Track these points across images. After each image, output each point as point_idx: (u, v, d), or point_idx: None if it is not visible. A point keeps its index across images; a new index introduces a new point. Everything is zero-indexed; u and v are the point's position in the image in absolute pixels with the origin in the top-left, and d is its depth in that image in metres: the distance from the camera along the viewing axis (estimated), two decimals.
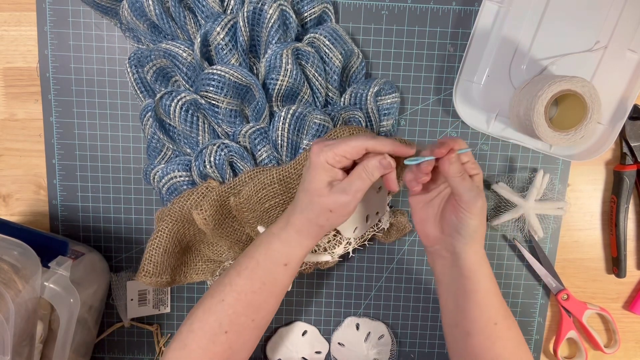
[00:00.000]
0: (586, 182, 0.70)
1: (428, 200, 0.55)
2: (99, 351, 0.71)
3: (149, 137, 0.62)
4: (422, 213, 0.55)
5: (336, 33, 0.61)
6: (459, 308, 0.54)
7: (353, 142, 0.48)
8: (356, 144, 0.48)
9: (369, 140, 0.49)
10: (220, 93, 0.58)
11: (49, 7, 0.64)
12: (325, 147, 0.49)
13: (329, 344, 0.72)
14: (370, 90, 0.62)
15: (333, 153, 0.48)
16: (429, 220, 0.55)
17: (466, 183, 0.50)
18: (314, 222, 0.51)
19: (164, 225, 0.59)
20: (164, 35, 0.61)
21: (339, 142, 0.49)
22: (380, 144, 0.49)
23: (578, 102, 0.56)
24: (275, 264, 0.53)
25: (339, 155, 0.48)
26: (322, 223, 0.51)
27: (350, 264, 0.71)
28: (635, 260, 0.71)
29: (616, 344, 0.71)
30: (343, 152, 0.48)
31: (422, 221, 0.55)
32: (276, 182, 0.58)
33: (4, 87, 0.66)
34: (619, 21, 0.61)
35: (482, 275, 0.52)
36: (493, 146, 0.68)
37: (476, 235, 0.51)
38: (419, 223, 0.56)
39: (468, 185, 0.50)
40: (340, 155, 0.48)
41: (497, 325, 0.53)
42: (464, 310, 0.53)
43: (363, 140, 0.49)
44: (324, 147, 0.49)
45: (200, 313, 0.53)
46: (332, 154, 0.48)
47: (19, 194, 0.68)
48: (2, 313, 0.47)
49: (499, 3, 0.62)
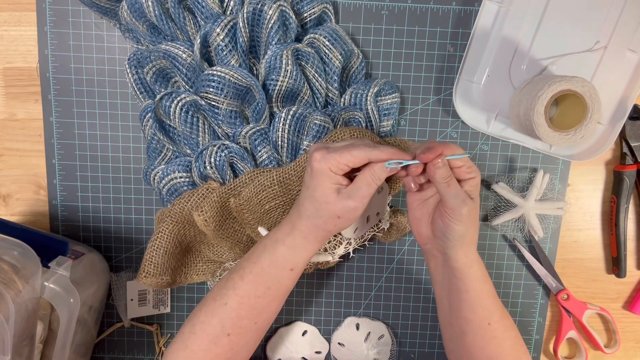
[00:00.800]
0: (586, 182, 0.69)
1: (424, 200, 0.55)
2: (99, 351, 0.71)
3: (149, 138, 0.62)
4: (417, 211, 0.55)
5: (336, 33, 0.61)
6: (452, 307, 0.54)
7: (356, 153, 0.48)
8: (359, 154, 0.48)
9: (372, 151, 0.48)
10: (220, 94, 0.58)
11: (49, 7, 0.64)
12: (328, 155, 0.48)
13: (329, 344, 0.72)
14: (370, 91, 0.62)
15: (336, 162, 0.48)
16: (423, 219, 0.55)
17: (451, 189, 0.49)
18: (321, 227, 0.51)
19: (164, 227, 0.59)
20: (164, 36, 0.61)
21: (342, 152, 0.48)
22: (383, 154, 0.49)
23: (578, 102, 0.56)
24: (281, 269, 0.53)
25: (342, 164, 0.48)
26: (330, 228, 0.51)
27: (350, 264, 0.71)
28: (635, 260, 0.71)
29: (616, 344, 0.71)
30: (347, 161, 0.48)
31: (416, 220, 0.55)
32: (276, 184, 0.58)
33: (4, 87, 0.66)
34: (619, 21, 0.61)
35: (473, 277, 0.52)
36: (493, 146, 0.68)
37: (463, 239, 0.51)
38: (413, 221, 0.56)
39: (454, 192, 0.49)
40: (343, 164, 0.48)
41: (490, 325, 0.53)
42: (457, 310, 0.54)
43: (366, 152, 0.48)
44: (326, 154, 0.48)
45: (203, 315, 0.53)
46: (335, 163, 0.48)
47: (19, 194, 0.68)
48: (2, 313, 0.47)
49: (499, 3, 0.62)
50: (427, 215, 0.55)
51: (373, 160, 0.49)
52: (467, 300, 0.53)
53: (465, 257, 0.52)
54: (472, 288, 0.52)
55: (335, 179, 0.49)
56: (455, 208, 0.49)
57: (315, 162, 0.49)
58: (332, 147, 0.50)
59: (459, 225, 0.50)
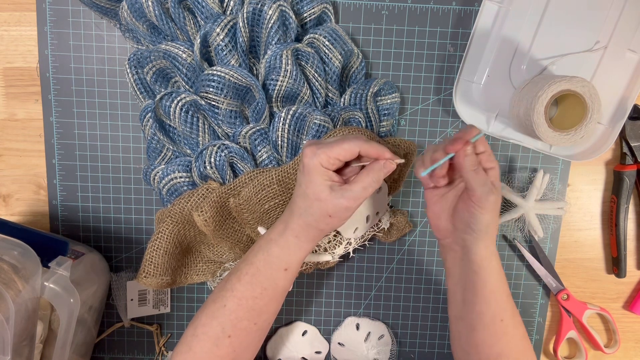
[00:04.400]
0: (586, 182, 0.69)
1: (442, 194, 0.54)
2: (99, 351, 0.71)
3: (149, 138, 0.62)
4: (436, 207, 0.55)
5: (336, 33, 0.61)
6: (466, 301, 0.54)
7: (346, 145, 0.48)
8: (349, 146, 0.48)
9: (362, 143, 0.49)
10: (220, 94, 0.58)
11: (49, 7, 0.64)
12: (318, 150, 0.48)
13: (329, 344, 0.72)
14: (370, 91, 0.62)
15: (327, 156, 0.48)
16: (443, 213, 0.55)
17: (480, 177, 0.49)
18: (313, 226, 0.51)
19: (164, 227, 0.59)
20: (164, 36, 0.61)
21: (332, 145, 0.48)
22: (373, 148, 0.49)
23: (578, 102, 0.56)
24: (275, 270, 0.53)
25: (332, 157, 0.48)
26: (322, 227, 0.51)
27: (350, 264, 0.71)
28: (635, 260, 0.71)
29: (616, 344, 0.71)
30: (337, 154, 0.48)
31: (436, 214, 0.55)
32: (275, 183, 0.58)
33: (4, 87, 0.66)
34: (619, 21, 0.61)
35: (492, 271, 0.52)
36: (493, 146, 0.68)
37: (488, 230, 0.51)
38: (432, 217, 0.56)
39: (482, 180, 0.49)
40: (334, 157, 0.48)
41: (503, 322, 0.52)
42: (471, 304, 0.53)
43: (356, 143, 0.48)
44: (317, 150, 0.48)
45: (204, 318, 0.53)
46: (325, 157, 0.48)
47: (19, 194, 0.68)
48: (2, 313, 0.47)
49: (499, 3, 0.62)
50: (447, 209, 0.54)
51: (363, 152, 0.49)
52: (483, 295, 0.52)
53: (486, 250, 0.52)
54: (490, 283, 0.52)
55: (326, 175, 0.49)
56: (482, 196, 0.49)
57: (306, 158, 0.49)
58: (323, 142, 0.50)
59: (485, 215, 0.50)
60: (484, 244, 0.52)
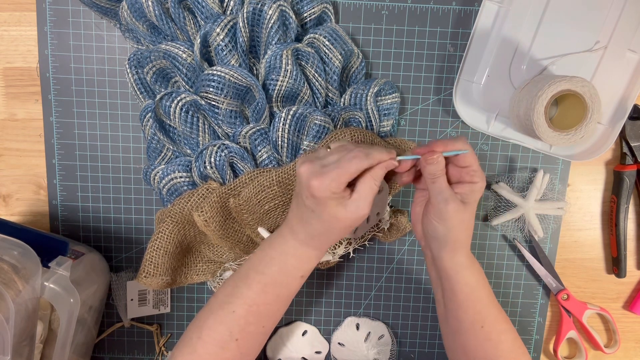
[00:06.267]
0: (586, 182, 0.69)
1: (425, 197, 0.55)
2: (99, 351, 0.71)
3: (149, 138, 0.62)
4: (417, 208, 0.56)
5: (336, 33, 0.61)
6: (446, 305, 0.55)
7: (352, 168, 0.48)
8: (355, 167, 0.48)
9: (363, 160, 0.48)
10: (220, 94, 0.58)
11: (49, 7, 0.64)
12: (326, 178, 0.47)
13: (329, 344, 0.72)
14: (370, 91, 0.62)
15: (337, 184, 0.47)
16: (419, 216, 0.55)
17: (436, 186, 0.49)
18: (332, 240, 0.52)
19: (164, 227, 0.59)
20: (164, 36, 0.61)
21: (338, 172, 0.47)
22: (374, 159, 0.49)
23: (578, 102, 0.56)
24: (292, 278, 0.53)
25: (342, 183, 0.48)
26: (341, 237, 0.52)
27: (350, 264, 0.71)
28: (635, 260, 0.71)
29: (616, 344, 0.71)
30: (346, 179, 0.48)
31: (416, 215, 0.56)
32: (275, 185, 0.58)
33: (4, 87, 0.66)
34: (619, 21, 0.61)
35: (462, 282, 0.52)
36: (493, 146, 0.68)
37: (446, 240, 0.51)
38: (413, 217, 0.57)
39: (437, 189, 0.49)
40: (343, 183, 0.48)
41: (483, 328, 0.52)
42: (450, 309, 0.54)
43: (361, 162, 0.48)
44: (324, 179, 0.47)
45: (211, 322, 0.53)
46: (336, 184, 0.47)
47: (19, 194, 0.68)
48: (2, 313, 0.47)
49: (499, 3, 0.62)
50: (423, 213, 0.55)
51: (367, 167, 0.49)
52: (457, 302, 0.52)
53: (451, 261, 0.52)
54: (462, 291, 0.52)
55: (339, 197, 0.48)
56: (436, 205, 0.50)
57: (317, 190, 0.47)
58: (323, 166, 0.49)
59: (440, 225, 0.50)
60: (447, 254, 0.51)
